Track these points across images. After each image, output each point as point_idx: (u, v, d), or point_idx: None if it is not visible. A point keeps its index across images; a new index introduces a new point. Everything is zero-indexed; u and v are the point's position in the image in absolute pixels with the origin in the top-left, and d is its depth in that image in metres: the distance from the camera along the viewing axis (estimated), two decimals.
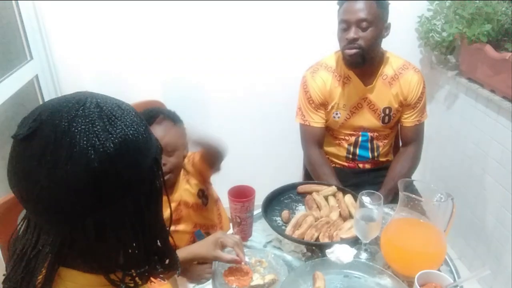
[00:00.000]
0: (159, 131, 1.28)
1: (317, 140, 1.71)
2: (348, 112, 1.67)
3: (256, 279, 1.08)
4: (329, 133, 1.76)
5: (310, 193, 1.42)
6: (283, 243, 1.25)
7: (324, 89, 1.65)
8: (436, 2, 2.08)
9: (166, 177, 1.30)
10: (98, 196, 0.55)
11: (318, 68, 1.68)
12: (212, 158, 1.41)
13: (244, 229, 1.24)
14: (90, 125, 0.54)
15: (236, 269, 1.12)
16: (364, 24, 1.49)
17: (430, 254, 1.10)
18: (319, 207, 1.36)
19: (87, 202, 0.54)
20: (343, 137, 1.74)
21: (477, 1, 1.85)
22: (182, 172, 1.44)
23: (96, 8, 1.96)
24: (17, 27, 1.91)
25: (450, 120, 2.19)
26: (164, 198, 0.65)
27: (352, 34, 1.50)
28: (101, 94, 0.60)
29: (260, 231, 1.31)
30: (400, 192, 1.11)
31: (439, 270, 1.09)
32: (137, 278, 0.63)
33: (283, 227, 1.28)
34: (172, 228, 1.38)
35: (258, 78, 2.19)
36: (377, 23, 1.51)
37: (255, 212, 1.29)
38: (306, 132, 1.72)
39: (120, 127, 0.56)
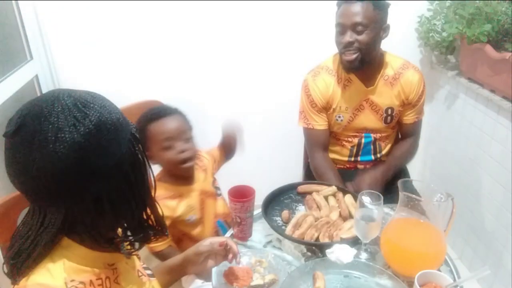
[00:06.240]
0: (175, 121, 1.39)
1: (321, 143, 1.72)
2: (351, 114, 1.67)
3: (256, 279, 1.08)
4: (332, 135, 1.76)
5: (310, 193, 1.42)
6: (283, 243, 1.25)
7: (326, 92, 1.65)
8: (436, 2, 2.08)
9: (188, 164, 1.41)
10: (89, 170, 0.62)
11: (319, 71, 1.67)
12: (230, 146, 1.59)
13: (244, 229, 1.24)
14: (67, 110, 0.62)
15: (236, 269, 1.11)
16: (359, 27, 1.49)
17: (430, 254, 1.10)
18: (319, 207, 1.36)
19: (81, 178, 0.62)
20: (346, 138, 1.74)
21: (477, 1, 1.84)
22: (196, 161, 1.50)
23: (95, 8, 1.96)
24: (17, 27, 1.91)
25: (450, 120, 2.19)
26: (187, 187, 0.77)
27: (347, 38, 1.51)
28: (70, 88, 0.68)
29: (260, 231, 1.31)
30: (400, 192, 1.11)
31: (439, 270, 1.09)
32: (135, 243, 0.75)
33: (283, 227, 1.28)
34: (198, 217, 1.45)
35: (258, 78, 2.19)
36: (373, 26, 1.50)
37: (255, 212, 1.29)
38: (311, 136, 1.72)
39: (94, 108, 0.64)
